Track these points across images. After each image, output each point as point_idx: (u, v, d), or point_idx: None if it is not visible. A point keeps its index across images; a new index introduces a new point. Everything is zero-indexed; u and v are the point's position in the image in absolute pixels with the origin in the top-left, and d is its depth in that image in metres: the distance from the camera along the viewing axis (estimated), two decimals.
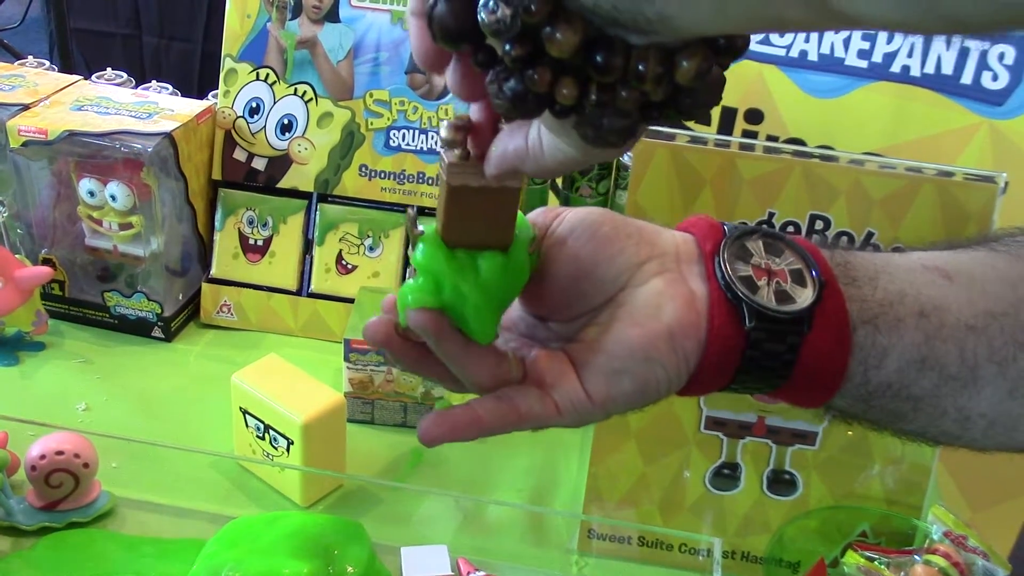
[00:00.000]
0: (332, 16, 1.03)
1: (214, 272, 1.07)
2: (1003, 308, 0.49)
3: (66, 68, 2.15)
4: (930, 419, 0.50)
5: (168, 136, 0.98)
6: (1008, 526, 1.51)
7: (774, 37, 1.43)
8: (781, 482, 0.81)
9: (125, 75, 1.16)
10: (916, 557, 0.74)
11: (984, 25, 0.26)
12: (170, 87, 1.14)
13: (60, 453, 0.79)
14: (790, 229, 0.75)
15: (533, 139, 0.40)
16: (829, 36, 1.41)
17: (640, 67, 0.33)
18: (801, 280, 0.48)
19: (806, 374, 0.47)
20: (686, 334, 0.47)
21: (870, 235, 0.74)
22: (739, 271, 0.48)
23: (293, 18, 1.04)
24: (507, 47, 0.33)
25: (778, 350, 0.47)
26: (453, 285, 0.45)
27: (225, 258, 1.07)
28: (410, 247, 0.47)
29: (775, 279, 0.48)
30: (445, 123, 0.42)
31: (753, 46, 1.45)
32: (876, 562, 0.75)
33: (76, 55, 2.75)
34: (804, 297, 0.47)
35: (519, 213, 0.47)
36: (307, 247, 1.06)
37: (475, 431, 0.48)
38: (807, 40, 1.42)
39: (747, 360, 0.47)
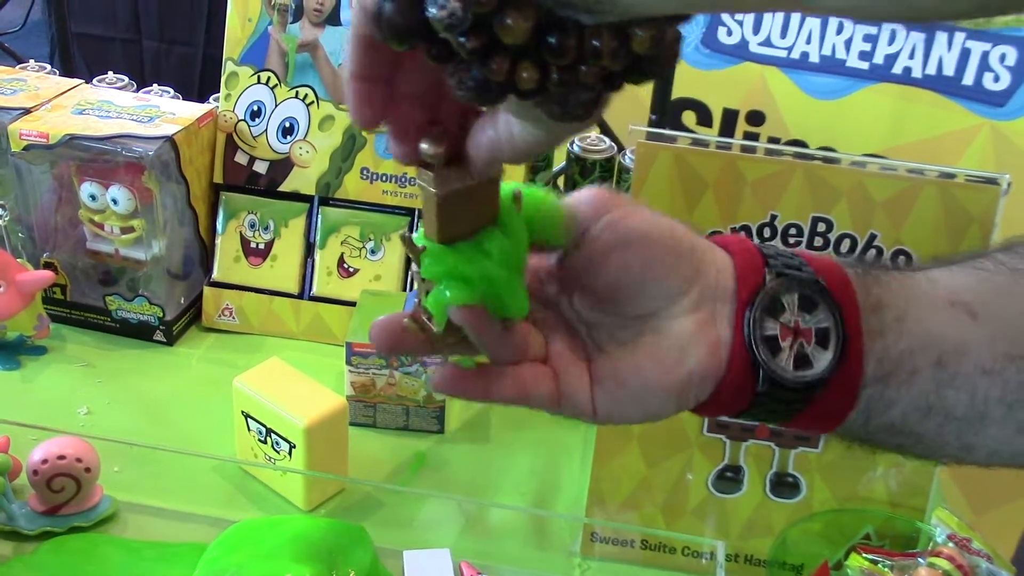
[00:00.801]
0: (333, 19, 1.03)
1: (216, 276, 1.07)
2: (1022, 350, 0.49)
3: (67, 72, 2.15)
4: (931, 450, 0.51)
5: (169, 140, 0.98)
6: (1010, 529, 1.51)
7: (776, 39, 1.43)
8: (784, 485, 0.80)
9: (127, 79, 1.16)
10: (920, 560, 0.73)
11: (939, 10, 0.25)
12: (171, 90, 1.14)
13: (62, 457, 0.79)
14: (792, 231, 0.75)
15: (503, 126, 0.40)
16: (831, 38, 1.41)
17: (595, 44, 0.33)
18: (825, 341, 0.48)
19: (806, 418, 0.49)
20: (704, 379, 0.47)
21: (873, 237, 0.74)
22: (767, 330, 0.47)
23: (294, 21, 1.04)
24: (461, 40, 0.33)
25: (784, 409, 0.48)
26: (479, 275, 0.45)
27: (227, 261, 1.07)
28: (413, 266, 0.47)
29: (800, 339, 0.48)
30: (425, 143, 0.42)
31: (754, 47, 1.45)
32: (880, 565, 0.75)
33: (77, 59, 2.76)
34: (822, 363, 0.47)
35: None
36: (309, 250, 1.06)
37: (482, 398, 0.48)
38: (808, 42, 1.42)
39: (753, 406, 0.48)
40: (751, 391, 0.47)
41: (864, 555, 0.76)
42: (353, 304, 0.99)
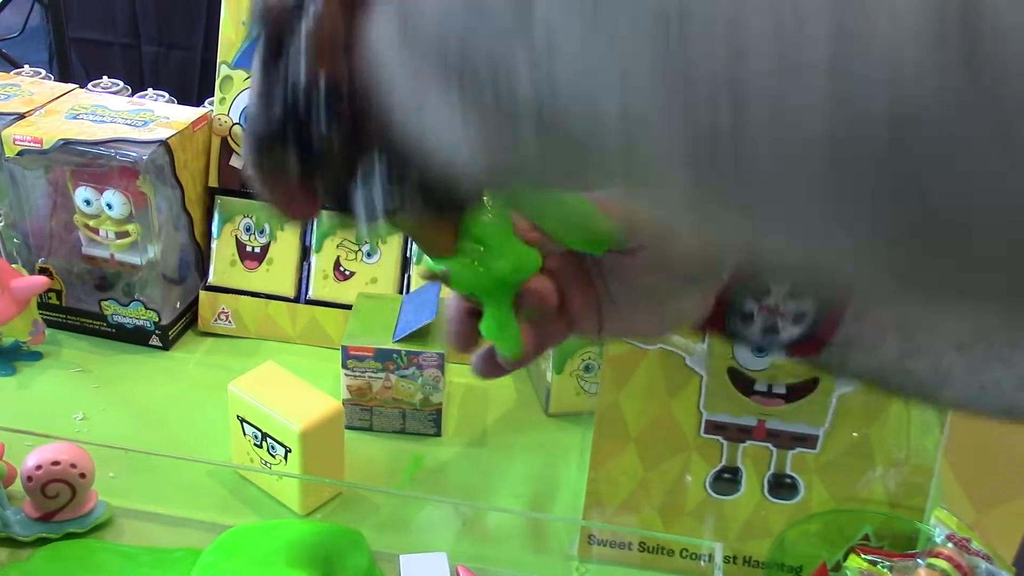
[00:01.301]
0: None
1: (212, 280, 1.07)
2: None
3: (65, 77, 2.15)
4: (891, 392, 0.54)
5: (164, 144, 0.98)
6: (1014, 526, 1.51)
7: None
8: (782, 486, 0.80)
9: (121, 83, 1.16)
10: (919, 561, 0.73)
11: None
12: (166, 95, 1.14)
13: (56, 463, 0.78)
14: None
15: None
16: None
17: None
18: (799, 320, 0.49)
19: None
20: (692, 324, 0.51)
21: None
22: (746, 307, 0.50)
23: None
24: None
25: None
26: (493, 256, 0.44)
27: (223, 265, 1.07)
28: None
29: (775, 317, 0.49)
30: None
31: None
32: (879, 566, 0.74)
33: (76, 64, 2.76)
34: (789, 334, 0.49)
35: None
36: (305, 254, 1.06)
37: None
38: None
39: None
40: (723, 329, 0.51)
41: (863, 556, 0.75)
42: (349, 307, 0.99)
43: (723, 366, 0.77)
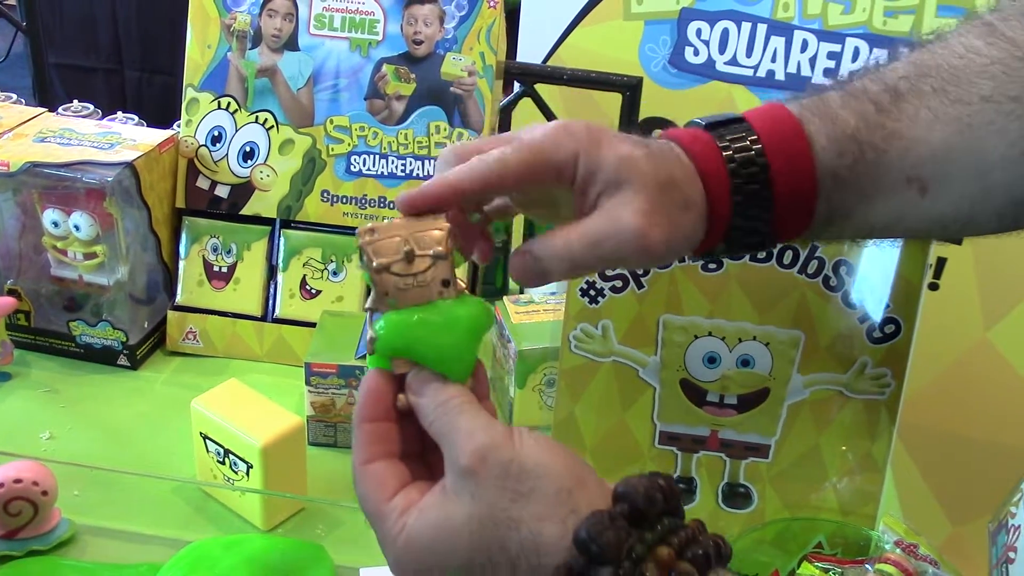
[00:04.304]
0: (291, 44, 1.05)
1: (179, 299, 1.08)
2: (957, 221, 0.56)
3: (45, 103, 2.16)
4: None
5: (129, 165, 0.99)
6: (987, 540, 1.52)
7: (742, 58, 1.45)
8: (736, 495, 0.81)
9: (92, 107, 1.17)
10: (868, 567, 0.74)
11: None
12: (136, 117, 1.15)
13: (18, 481, 0.79)
14: None
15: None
16: (795, 56, 1.43)
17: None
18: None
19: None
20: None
21: (814, 248, 0.75)
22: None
23: (253, 47, 1.05)
24: None
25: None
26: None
27: (190, 285, 1.08)
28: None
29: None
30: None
31: (720, 66, 1.47)
32: (830, 573, 0.75)
33: (59, 90, 2.77)
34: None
35: None
36: (271, 273, 1.07)
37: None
38: (773, 60, 1.44)
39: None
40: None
41: (815, 564, 0.76)
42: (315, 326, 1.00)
43: (676, 378, 0.78)
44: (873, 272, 0.75)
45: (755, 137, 0.54)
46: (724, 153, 0.53)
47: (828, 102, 0.55)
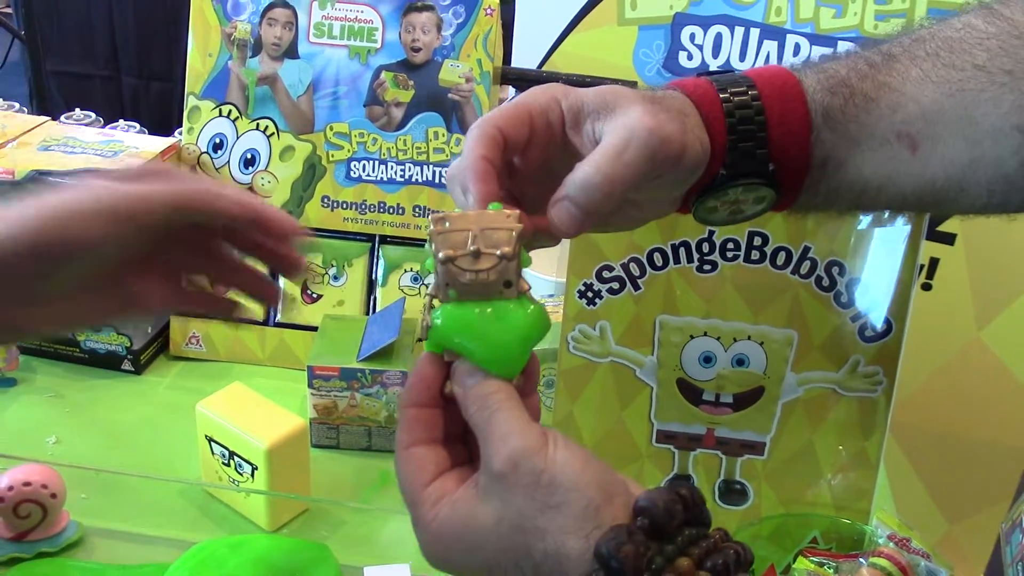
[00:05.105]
0: (291, 52, 1.06)
1: None
2: (948, 182, 0.56)
3: (43, 110, 2.18)
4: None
5: None
6: (984, 537, 1.53)
7: (735, 61, 1.46)
8: (732, 492, 0.83)
9: (94, 115, 1.19)
10: (862, 560, 0.75)
11: None
12: (137, 125, 1.17)
13: (27, 484, 0.80)
14: (730, 246, 0.77)
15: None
16: (788, 59, 1.44)
17: None
18: (761, 202, 0.58)
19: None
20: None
21: (807, 249, 0.76)
22: (707, 205, 0.58)
23: (253, 55, 1.07)
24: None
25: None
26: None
27: None
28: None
29: (737, 205, 0.58)
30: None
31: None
32: (825, 567, 0.77)
33: (56, 97, 2.78)
34: (751, 211, 0.59)
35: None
36: (273, 278, 1.08)
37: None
38: (766, 63, 1.45)
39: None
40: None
41: (810, 558, 0.78)
42: (317, 329, 1.02)
43: (672, 377, 0.80)
44: (864, 272, 0.76)
45: (743, 75, 0.56)
46: (711, 79, 0.56)
47: (818, 61, 0.57)
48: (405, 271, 1.07)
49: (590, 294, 0.78)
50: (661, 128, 0.51)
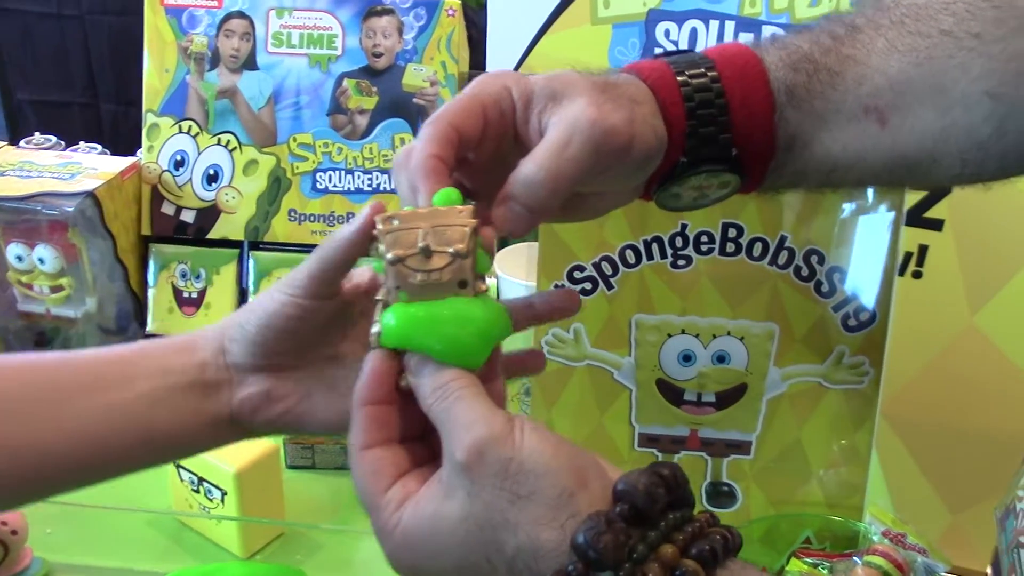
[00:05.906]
0: (250, 64, 1.03)
1: (151, 328, 1.06)
2: (918, 155, 0.54)
3: (15, 139, 2.15)
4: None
5: (91, 195, 0.98)
6: (989, 526, 1.51)
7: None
8: (720, 494, 0.80)
9: (55, 139, 1.16)
10: (856, 559, 0.73)
11: None
12: (99, 147, 1.14)
13: None
14: (704, 239, 0.74)
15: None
16: None
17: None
18: (726, 187, 0.56)
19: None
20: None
21: (783, 239, 0.74)
22: (671, 191, 0.56)
23: (211, 69, 1.04)
24: None
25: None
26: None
27: (161, 313, 1.06)
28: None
29: (701, 191, 0.57)
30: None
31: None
32: (819, 568, 0.74)
33: (33, 125, 2.76)
34: (715, 195, 0.57)
35: None
36: (242, 296, 1.06)
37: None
38: None
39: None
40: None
41: (804, 560, 0.75)
42: None
43: (652, 378, 0.77)
44: (844, 260, 0.73)
45: (702, 55, 0.53)
46: (668, 61, 0.53)
47: (780, 37, 0.55)
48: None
49: None
50: (605, 119, 0.49)
